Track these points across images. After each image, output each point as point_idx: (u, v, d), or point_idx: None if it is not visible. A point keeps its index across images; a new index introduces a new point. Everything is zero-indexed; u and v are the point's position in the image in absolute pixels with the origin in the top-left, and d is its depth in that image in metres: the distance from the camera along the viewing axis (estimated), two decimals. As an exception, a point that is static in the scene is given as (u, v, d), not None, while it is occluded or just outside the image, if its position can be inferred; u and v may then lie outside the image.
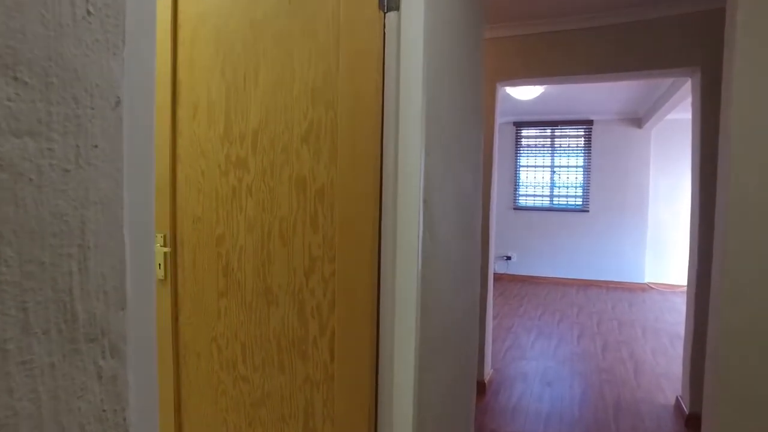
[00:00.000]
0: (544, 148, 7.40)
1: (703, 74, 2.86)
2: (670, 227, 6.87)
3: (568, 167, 7.28)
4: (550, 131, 7.34)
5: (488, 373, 3.50)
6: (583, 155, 7.17)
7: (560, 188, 7.34)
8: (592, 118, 7.03)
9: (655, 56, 2.96)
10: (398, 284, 1.40)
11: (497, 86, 3.41)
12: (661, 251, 6.90)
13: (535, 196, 7.47)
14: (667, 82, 4.69)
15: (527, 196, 7.50)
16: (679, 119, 6.57)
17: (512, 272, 7.53)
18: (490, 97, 3.39)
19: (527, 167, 7.48)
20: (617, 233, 7.01)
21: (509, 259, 7.52)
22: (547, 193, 7.41)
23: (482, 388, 3.29)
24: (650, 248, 6.92)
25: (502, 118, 7.34)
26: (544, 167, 7.40)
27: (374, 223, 1.38)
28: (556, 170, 7.35)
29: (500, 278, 7.42)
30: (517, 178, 7.52)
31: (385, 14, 1.37)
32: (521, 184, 7.52)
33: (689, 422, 2.81)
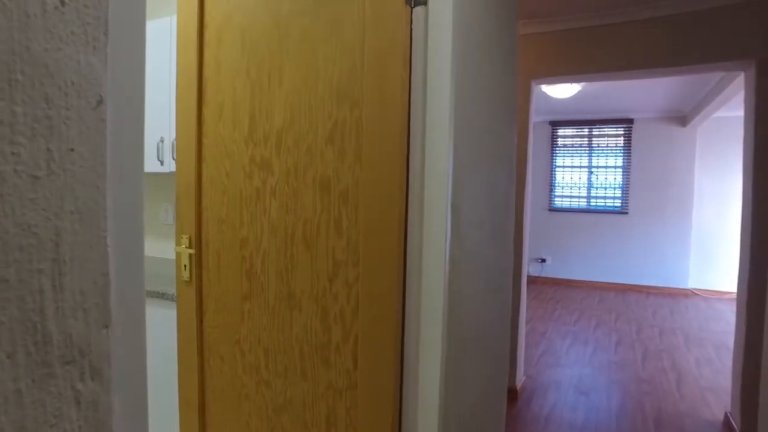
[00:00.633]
0: (581, 147, 7.17)
1: (758, 67, 2.67)
2: (716, 230, 6.53)
3: (606, 167, 7.03)
4: (587, 130, 7.10)
5: (520, 379, 3.39)
6: (622, 155, 6.91)
7: (598, 189, 7.09)
8: (632, 116, 6.76)
9: (703, 49, 2.79)
10: (424, 290, 1.35)
11: (532, 84, 3.29)
12: (706, 255, 6.56)
13: (571, 197, 7.24)
14: (716, 77, 4.44)
15: (563, 197, 7.28)
16: (728, 117, 6.23)
17: (547, 275, 7.32)
18: (524, 95, 3.28)
19: (563, 167, 7.26)
20: (658, 236, 6.71)
21: (544, 261, 7.32)
22: (583, 194, 7.18)
23: (514, 395, 3.19)
24: (695, 252, 6.59)
25: (537, 117, 7.15)
26: (581, 167, 7.17)
27: (400, 226, 1.32)
28: (593, 171, 7.11)
29: (534, 281, 7.23)
30: (552, 178, 7.31)
31: (412, 9, 1.32)
32: (557, 184, 7.31)
33: (738, 440, 2.64)
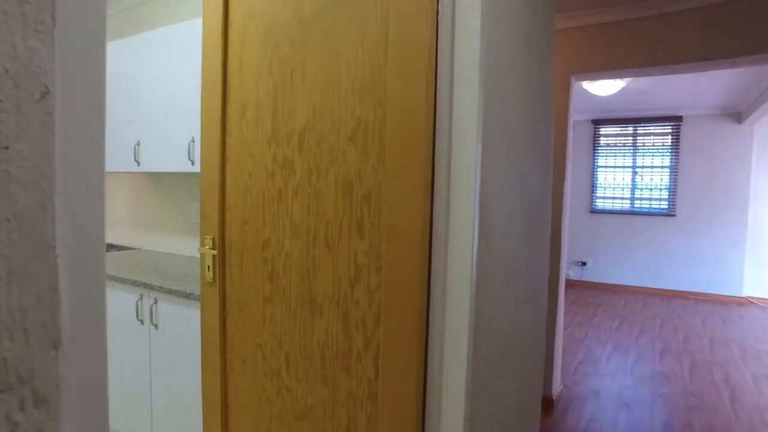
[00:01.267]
0: (624, 147, 6.86)
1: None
2: (774, 234, 6.10)
3: (651, 167, 6.70)
4: (632, 129, 6.78)
5: (557, 389, 3.25)
6: (669, 154, 6.56)
7: (642, 190, 6.77)
8: (680, 113, 6.41)
9: (761, 39, 2.58)
10: (449, 298, 1.27)
11: (571, 80, 3.15)
12: (763, 260, 6.15)
13: (614, 198, 6.94)
14: (773, 71, 4.13)
15: (605, 198, 6.99)
16: (787, 113, 5.81)
17: (587, 279, 7.05)
18: (563, 92, 3.14)
19: (606, 168, 6.97)
20: (709, 239, 6.33)
21: (584, 264, 7.05)
22: (627, 195, 6.86)
23: (549, 405, 3.06)
24: (750, 257, 6.18)
25: (578, 115, 6.90)
26: (624, 168, 6.86)
27: (424, 230, 1.26)
28: (638, 171, 6.79)
29: (573, 285, 6.98)
30: (594, 179, 7.03)
31: (438, 1, 1.25)
32: (599, 185, 7.02)
33: (798, 464, 2.42)
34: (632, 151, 6.81)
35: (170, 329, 2.04)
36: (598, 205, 7.03)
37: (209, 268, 1.65)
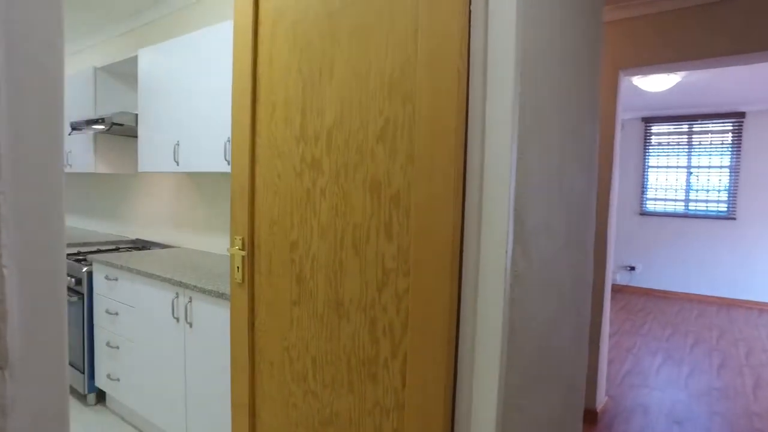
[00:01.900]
0: (678, 146, 6.48)
1: None
2: None
3: (709, 168, 6.29)
4: (687, 127, 6.40)
5: (601, 400, 3.08)
6: (730, 153, 6.14)
7: (698, 192, 6.37)
8: (743, 109, 5.99)
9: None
10: (481, 305, 1.20)
11: (620, 75, 2.97)
12: (834, 270, 5.66)
13: (666, 200, 6.57)
14: None
15: (657, 200, 6.63)
16: None
17: (636, 284, 6.71)
18: (610, 88, 2.97)
19: (657, 168, 6.61)
20: (774, 245, 5.89)
21: (633, 269, 6.72)
22: (681, 197, 6.48)
23: (593, 417, 2.90)
24: (819, 265, 5.71)
25: (627, 113, 6.58)
26: (678, 168, 6.48)
27: (455, 233, 1.19)
28: (693, 171, 6.40)
29: (621, 290, 6.67)
30: (644, 180, 6.68)
31: (471, -10, 1.18)
32: (649, 186, 6.67)
33: None
34: (687, 150, 6.42)
35: (204, 328, 2.05)
36: (648, 207, 6.68)
37: (238, 268, 1.64)
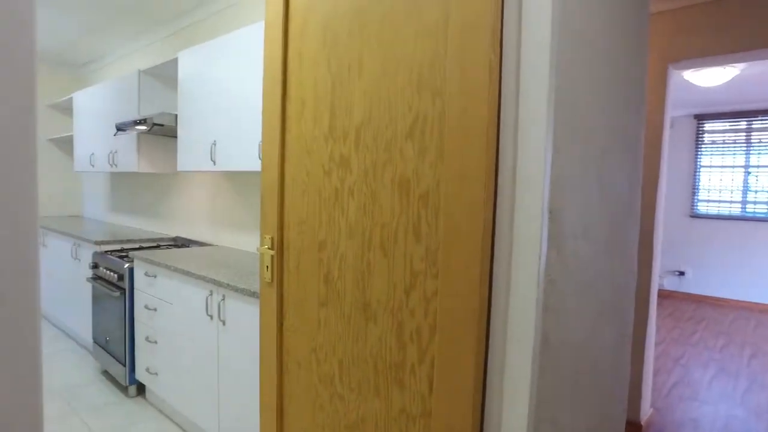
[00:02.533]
0: (735, 144, 6.09)
1: None
2: None
3: (769, 167, 5.90)
4: (745, 123, 6.01)
5: (646, 413, 2.92)
6: (792, 152, 5.73)
7: (757, 193, 5.97)
8: (807, 105, 5.58)
9: None
10: (513, 311, 1.14)
11: (669, 70, 2.81)
12: None
13: (720, 201, 6.20)
14: None
15: (710, 201, 6.27)
16: None
17: (685, 290, 6.37)
18: (658, 83, 2.81)
19: (711, 167, 6.24)
20: (842, 252, 5.45)
21: (682, 274, 6.38)
22: (737, 198, 6.10)
23: (636, 430, 2.75)
24: None
25: (677, 110, 6.25)
26: (734, 167, 6.10)
27: (486, 235, 1.13)
28: (751, 171, 6.01)
29: (669, 296, 6.35)
30: (696, 180, 6.32)
31: (505, -21, 1.12)
32: (701, 187, 6.31)
33: None
34: (745, 148, 6.04)
35: (236, 326, 2.07)
36: (700, 209, 6.32)
37: (268, 268, 1.64)
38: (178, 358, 2.49)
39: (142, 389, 2.99)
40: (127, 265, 2.86)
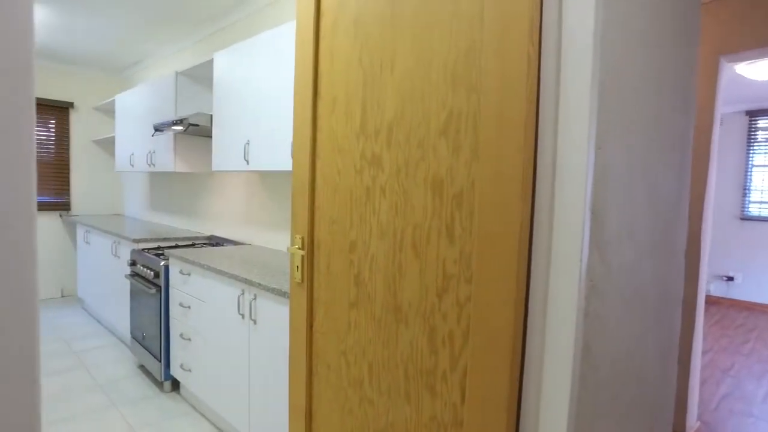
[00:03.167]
0: (790, 142, 5.74)
1: None
2: None
3: (828, 167, 5.52)
4: (801, 120, 5.66)
5: (692, 426, 2.77)
6: None
7: (815, 194, 5.61)
8: None
9: None
10: (551, 318, 1.07)
11: (720, 62, 2.65)
12: None
13: (773, 203, 5.86)
14: None
15: (762, 203, 5.92)
16: None
17: (734, 296, 6.05)
18: (709, 77, 2.65)
19: (763, 167, 5.90)
20: None
21: (731, 280, 6.06)
22: (793, 200, 5.74)
23: (683, 444, 2.61)
24: None
25: (727, 106, 5.94)
26: (789, 167, 5.75)
27: (522, 237, 1.07)
28: (808, 171, 5.64)
29: (717, 302, 6.04)
30: (747, 180, 5.99)
31: (546, -34, 1.05)
32: (753, 188, 5.97)
33: None
34: (801, 147, 5.68)
35: (267, 325, 2.07)
36: (751, 211, 5.99)
37: (298, 268, 1.62)
38: (210, 355, 2.52)
39: (176, 385, 3.04)
40: (162, 262, 2.91)
